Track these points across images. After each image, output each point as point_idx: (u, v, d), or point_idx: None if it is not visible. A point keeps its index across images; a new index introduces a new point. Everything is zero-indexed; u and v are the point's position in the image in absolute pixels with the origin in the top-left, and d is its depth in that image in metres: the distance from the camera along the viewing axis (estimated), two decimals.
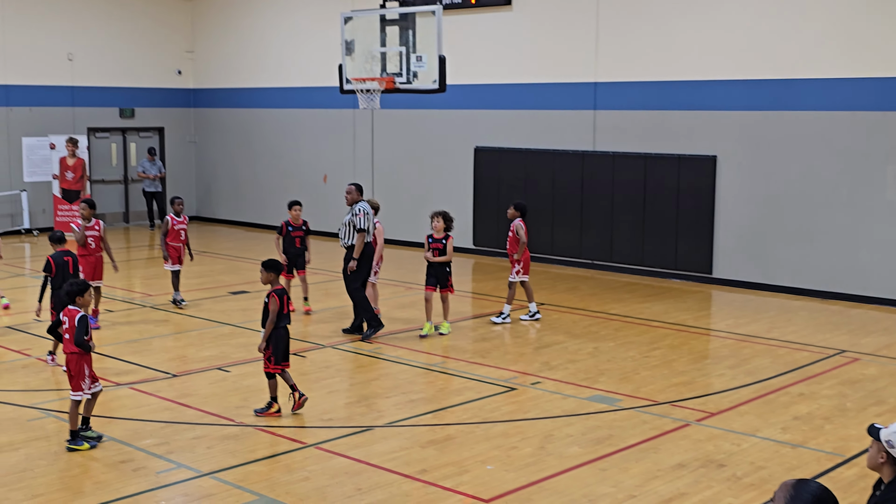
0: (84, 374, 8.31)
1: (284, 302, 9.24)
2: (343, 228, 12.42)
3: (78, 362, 8.29)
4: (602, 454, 8.22)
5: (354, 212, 12.31)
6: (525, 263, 13.42)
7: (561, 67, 18.02)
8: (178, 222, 14.04)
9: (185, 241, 14.10)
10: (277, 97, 23.09)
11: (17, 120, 22.18)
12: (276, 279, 9.37)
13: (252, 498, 7.26)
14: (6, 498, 7.26)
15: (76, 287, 8.43)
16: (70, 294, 8.40)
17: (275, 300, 9.15)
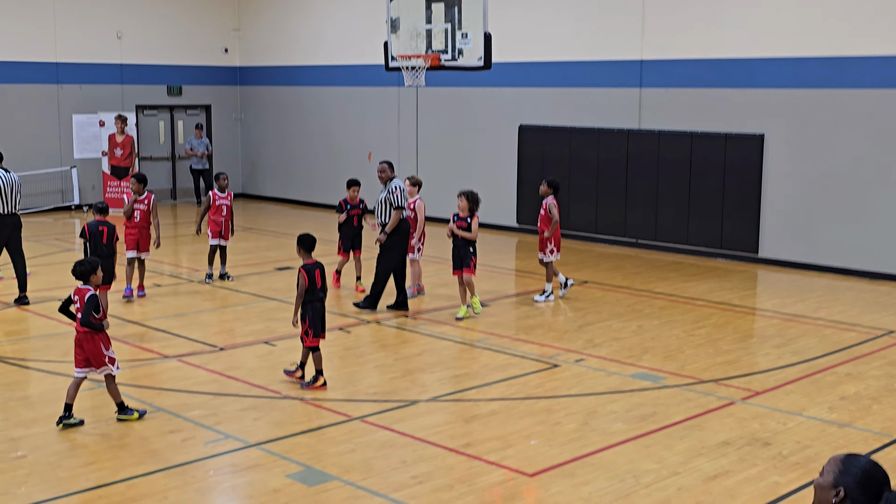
0: (102, 351, 8.20)
1: (316, 276, 9.30)
2: (378, 206, 12.50)
3: (91, 341, 8.17)
4: (646, 431, 8.23)
5: (390, 189, 12.40)
6: (556, 242, 13.31)
7: (607, 45, 17.90)
8: (221, 198, 14.18)
9: (227, 216, 14.23)
10: (322, 75, 23.18)
11: (68, 97, 22.50)
12: (307, 254, 9.44)
13: (298, 469, 7.37)
14: (60, 465, 7.44)
15: (88, 265, 8.31)
16: (83, 273, 8.27)
17: (302, 276, 9.23)
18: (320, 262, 9.52)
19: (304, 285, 9.25)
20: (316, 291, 9.35)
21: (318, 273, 9.37)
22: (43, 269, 15.42)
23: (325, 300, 9.48)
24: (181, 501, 6.82)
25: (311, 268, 9.34)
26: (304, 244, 9.49)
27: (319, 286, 9.37)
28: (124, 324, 11.88)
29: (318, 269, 9.38)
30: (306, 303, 9.32)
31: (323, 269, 9.48)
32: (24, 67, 21.87)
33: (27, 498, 6.83)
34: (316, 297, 9.35)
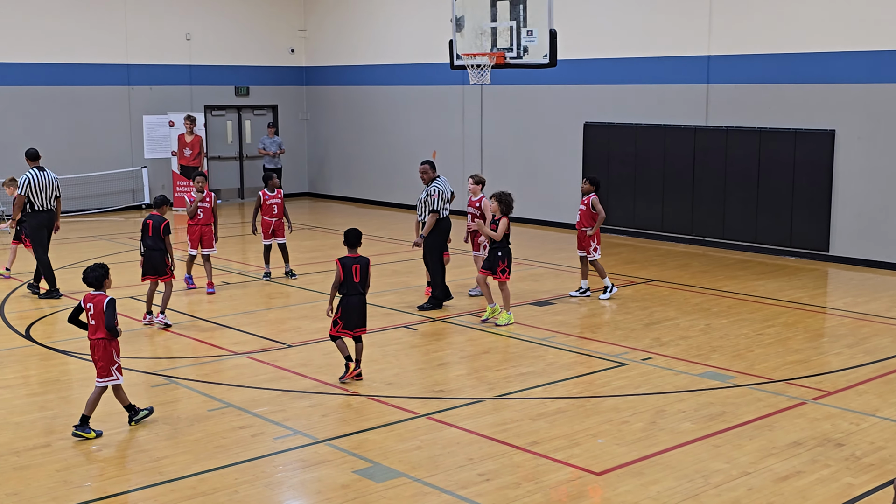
0: (113, 359, 8.09)
1: (353, 270, 9.35)
2: (420, 206, 12.57)
3: (106, 348, 8.05)
4: (715, 430, 8.14)
5: (429, 191, 12.49)
6: (599, 238, 13.31)
7: (673, 41, 17.72)
8: (271, 197, 14.32)
9: (279, 214, 14.35)
10: (387, 74, 23.30)
11: (139, 99, 22.93)
12: (350, 248, 9.52)
13: (366, 465, 7.42)
14: (133, 459, 7.59)
15: (100, 271, 8.17)
16: (96, 279, 8.14)
17: (337, 269, 9.35)
18: (363, 257, 9.52)
19: (339, 278, 9.35)
20: (354, 285, 9.37)
21: (357, 268, 9.38)
22: (114, 267, 15.66)
23: (364, 295, 9.50)
24: (251, 496, 6.92)
25: (348, 261, 9.40)
26: (345, 238, 9.60)
27: (358, 280, 9.38)
28: (194, 320, 12.08)
29: (356, 263, 9.40)
30: (343, 295, 9.41)
31: (364, 265, 9.46)
32: (97, 69, 22.33)
33: (101, 491, 6.99)
34: (353, 290, 9.38)
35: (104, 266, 8.27)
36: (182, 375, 9.76)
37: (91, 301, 8.08)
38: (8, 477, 7.23)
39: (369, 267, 9.55)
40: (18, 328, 11.71)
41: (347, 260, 9.42)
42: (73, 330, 11.55)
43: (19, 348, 10.88)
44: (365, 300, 9.54)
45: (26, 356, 10.56)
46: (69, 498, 6.86)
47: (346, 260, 9.41)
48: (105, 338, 8.04)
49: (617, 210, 18.72)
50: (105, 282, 8.21)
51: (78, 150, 22.19)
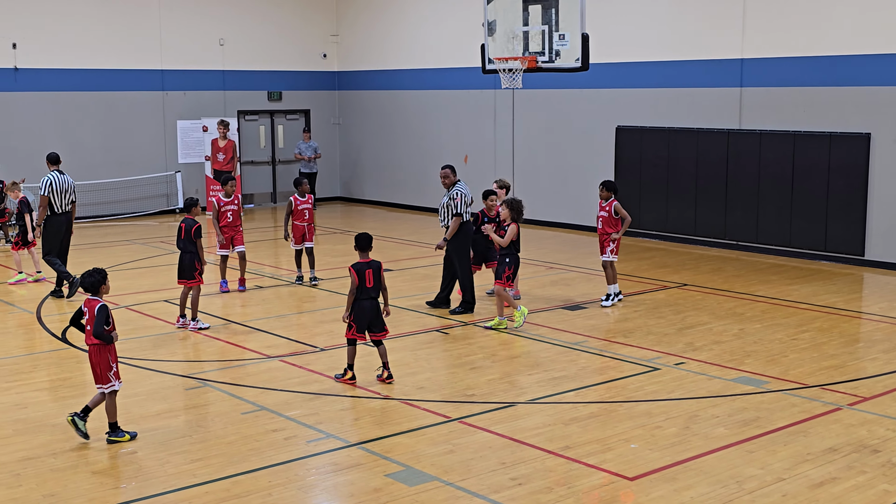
0: (109, 364, 8.02)
1: (367, 275, 9.42)
2: (443, 210, 12.58)
3: (100, 353, 8.00)
4: (749, 436, 8.08)
5: (452, 195, 12.51)
6: (617, 243, 13.22)
7: (706, 44, 17.63)
8: (302, 202, 14.40)
9: (309, 219, 14.43)
10: (419, 79, 23.35)
11: (173, 104, 23.13)
12: (362, 253, 9.60)
13: (398, 469, 7.44)
14: (167, 461, 7.65)
15: (97, 276, 8.10)
16: (92, 285, 8.07)
17: (352, 275, 9.43)
18: (375, 262, 9.60)
19: (355, 283, 9.42)
20: (366, 290, 9.46)
21: (370, 272, 9.46)
22: (148, 271, 15.88)
23: (377, 298, 9.58)
24: (284, 499, 6.96)
25: (361, 266, 9.47)
26: (357, 243, 9.67)
27: (371, 285, 9.46)
28: (227, 324, 12.16)
29: (369, 268, 9.47)
30: (355, 300, 9.49)
31: (376, 269, 9.53)
32: (132, 75, 22.56)
33: (137, 493, 7.05)
34: (366, 295, 9.48)
35: (102, 271, 8.19)
36: (215, 378, 9.83)
37: (88, 306, 8.05)
38: (45, 479, 7.31)
39: (382, 270, 9.63)
40: (55, 331, 11.85)
41: (360, 265, 9.50)
42: None
43: (55, 351, 11.01)
44: (378, 304, 9.60)
45: (62, 359, 10.68)
46: (105, 500, 6.93)
47: (359, 265, 9.50)
48: (99, 343, 7.98)
49: (649, 214, 18.66)
50: (102, 287, 8.11)
51: (113, 154, 22.43)
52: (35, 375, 10.04)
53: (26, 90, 21.30)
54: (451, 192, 12.57)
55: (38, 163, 20.81)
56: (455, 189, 12.58)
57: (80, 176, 21.75)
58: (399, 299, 13.46)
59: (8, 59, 21.03)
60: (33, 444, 8.02)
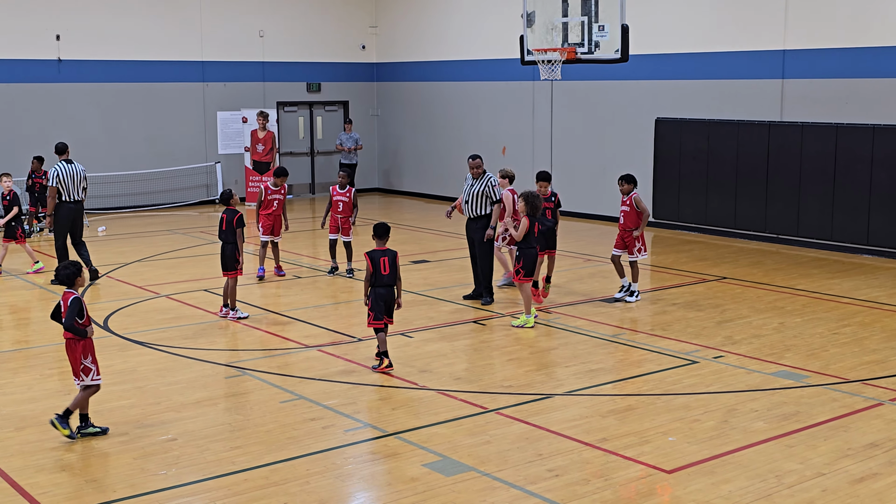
0: (81, 359, 7.92)
1: (381, 263, 9.66)
2: (473, 200, 12.56)
3: (73, 348, 7.91)
4: (788, 430, 8.01)
5: (491, 183, 12.58)
6: (643, 239, 12.91)
7: (748, 35, 17.46)
8: (339, 194, 14.40)
9: (344, 211, 14.31)
10: (457, 70, 23.34)
11: (213, 95, 23.31)
12: (378, 241, 9.82)
13: (435, 458, 7.46)
14: (207, 448, 7.73)
15: (70, 269, 8.03)
16: (67, 277, 8.02)
17: (367, 262, 9.70)
18: (391, 250, 9.78)
19: (369, 270, 9.69)
20: (382, 277, 9.68)
21: (385, 260, 9.69)
22: (188, 260, 16.04)
23: (392, 286, 9.77)
24: (322, 487, 7.00)
25: (375, 254, 9.71)
26: (374, 232, 9.93)
27: (386, 273, 9.68)
28: (266, 314, 12.25)
29: (384, 256, 9.71)
30: (372, 287, 9.73)
31: (392, 257, 9.74)
32: (173, 67, 22.76)
33: (177, 479, 7.13)
34: (380, 282, 9.70)
35: (76, 264, 8.12)
36: (254, 367, 9.91)
37: (63, 299, 7.99)
38: (87, 464, 7.42)
39: (397, 259, 9.83)
40: (97, 319, 12.00)
41: (375, 253, 9.73)
42: (149, 321, 11.83)
43: (98, 339, 11.08)
44: (393, 291, 9.81)
45: (104, 346, 10.79)
46: (146, 485, 7.02)
47: (375, 253, 9.73)
48: (72, 337, 7.90)
49: (688, 207, 18.54)
50: (77, 280, 8.03)
51: (154, 145, 22.65)
52: None
53: (70, 81, 21.54)
54: (491, 180, 12.61)
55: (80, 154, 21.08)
56: (489, 177, 12.63)
57: (122, 166, 22.05)
58: (436, 290, 13.50)
59: (52, 51, 21.29)
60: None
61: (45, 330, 11.68)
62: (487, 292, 12.71)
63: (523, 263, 11.55)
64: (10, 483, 7.06)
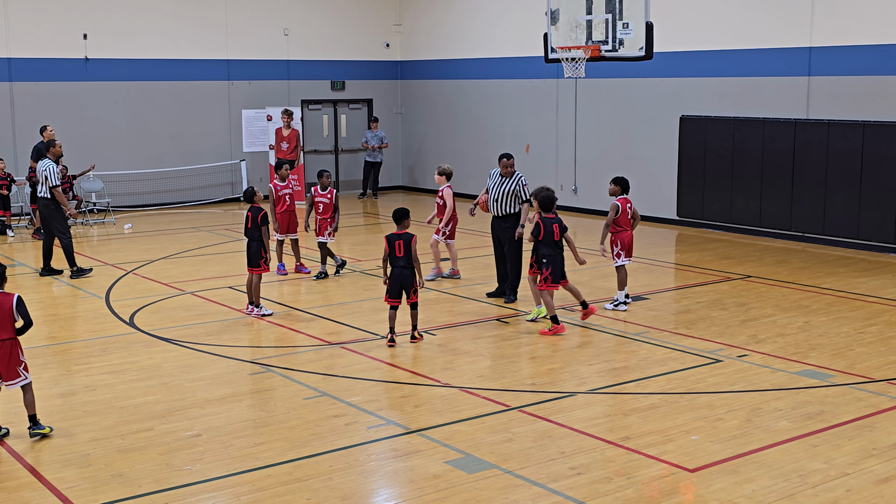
0: (20, 359, 7.88)
1: (396, 246, 10.37)
2: (503, 198, 12.54)
3: (13, 349, 7.83)
4: (813, 430, 7.97)
5: (521, 182, 12.54)
6: (624, 245, 12.24)
7: (773, 32, 17.36)
8: (321, 195, 14.19)
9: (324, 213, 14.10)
10: (481, 68, 23.34)
11: (238, 93, 23.42)
12: (397, 224, 10.57)
13: (458, 456, 7.48)
14: (231, 444, 7.78)
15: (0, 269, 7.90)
16: None
17: (384, 245, 10.46)
18: (408, 234, 10.45)
19: (385, 252, 10.46)
20: (397, 259, 10.39)
21: (400, 243, 10.36)
22: (213, 258, 16.13)
23: (405, 268, 10.37)
24: (345, 483, 7.04)
25: (392, 237, 10.42)
26: (393, 216, 10.67)
27: (401, 255, 10.36)
28: (289, 310, 12.31)
29: (399, 239, 10.39)
30: (391, 268, 10.53)
31: (407, 240, 10.35)
32: (199, 65, 22.88)
33: (201, 475, 7.19)
34: (396, 263, 10.43)
35: (1, 265, 7.95)
36: (278, 364, 9.97)
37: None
38: (113, 459, 7.49)
39: (413, 242, 10.44)
40: (123, 316, 12.10)
41: (392, 236, 10.44)
42: (174, 318, 11.91)
43: (124, 335, 11.24)
44: (407, 272, 10.42)
45: (130, 343, 10.91)
46: (171, 480, 7.08)
47: (391, 236, 10.45)
48: (10, 338, 7.79)
49: (713, 205, 18.46)
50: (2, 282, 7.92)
51: (179, 143, 22.79)
52: (104, 358, 10.26)
53: (96, 80, 21.71)
54: (518, 178, 12.58)
55: (107, 152, 21.26)
56: (519, 176, 12.62)
57: (148, 164, 22.20)
58: (459, 288, 13.51)
59: (79, 50, 21.46)
60: (102, 426, 8.22)
61: (72, 326, 11.81)
62: (511, 290, 12.72)
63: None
64: (38, 477, 7.14)
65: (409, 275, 10.47)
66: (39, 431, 8.00)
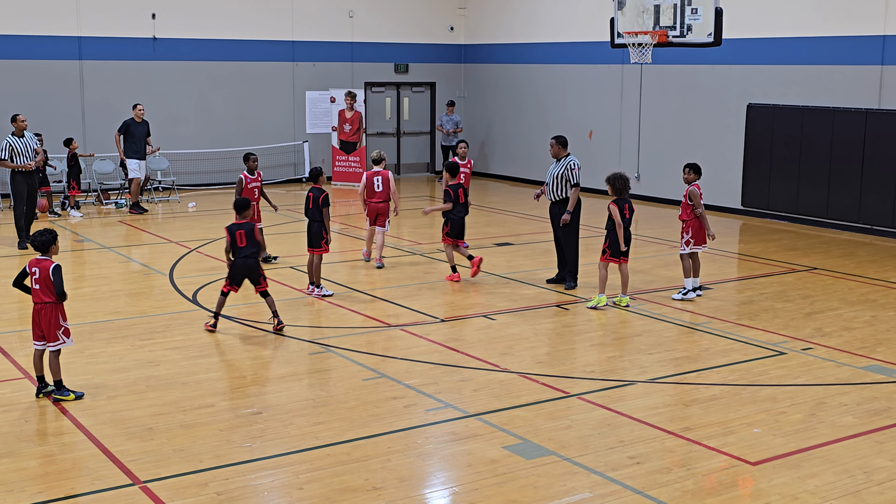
0: (59, 322, 8.20)
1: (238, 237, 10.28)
2: (553, 182, 12.42)
3: (53, 312, 8.17)
4: (879, 426, 7.81)
5: (570, 165, 12.32)
6: (696, 233, 11.96)
7: (846, 18, 16.97)
8: (252, 180, 13.80)
9: (258, 197, 13.84)
10: (545, 52, 23.17)
11: (302, 74, 23.55)
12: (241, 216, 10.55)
13: (516, 441, 7.46)
14: (291, 423, 7.85)
15: (47, 236, 8.22)
16: (43, 244, 8.20)
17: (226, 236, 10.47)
18: (248, 224, 10.35)
19: (227, 242, 10.41)
20: (239, 249, 10.33)
21: (241, 233, 10.29)
22: (275, 238, 16.25)
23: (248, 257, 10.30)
24: (403, 465, 7.06)
25: (232, 228, 10.34)
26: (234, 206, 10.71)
27: (243, 244, 10.30)
28: (351, 293, 12.37)
29: (240, 229, 10.29)
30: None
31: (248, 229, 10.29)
32: (264, 46, 23.03)
33: (260, 452, 7.26)
34: (239, 254, 10.35)
35: (52, 231, 8.31)
36: (338, 345, 10.02)
37: (37, 266, 8.17)
38: (175, 434, 7.60)
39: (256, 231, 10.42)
40: (186, 293, 12.26)
41: (233, 226, 10.36)
42: (236, 297, 12.02)
43: (187, 312, 11.39)
44: (251, 262, 10.36)
45: (193, 320, 11.05)
46: (231, 457, 7.16)
47: (232, 227, 10.36)
48: (52, 301, 8.14)
49: (779, 195, 18.16)
50: (52, 247, 8.25)
51: (243, 123, 22.99)
52: (168, 335, 10.41)
53: (164, 59, 21.97)
54: (568, 162, 12.39)
55: (172, 131, 21.52)
56: (570, 159, 12.42)
57: (212, 144, 22.43)
58: (519, 273, 13.47)
59: (147, 30, 21.73)
60: (165, 401, 8.34)
61: (137, 302, 11.99)
62: (571, 277, 12.63)
63: (609, 244, 11.54)
64: (103, 450, 7.27)
65: (254, 265, 10.32)
66: (61, 397, 8.24)
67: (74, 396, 8.31)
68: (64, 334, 8.29)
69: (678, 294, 12.11)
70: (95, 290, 12.49)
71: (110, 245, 15.38)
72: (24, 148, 15.26)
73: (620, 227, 11.47)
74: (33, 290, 8.22)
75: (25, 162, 15.24)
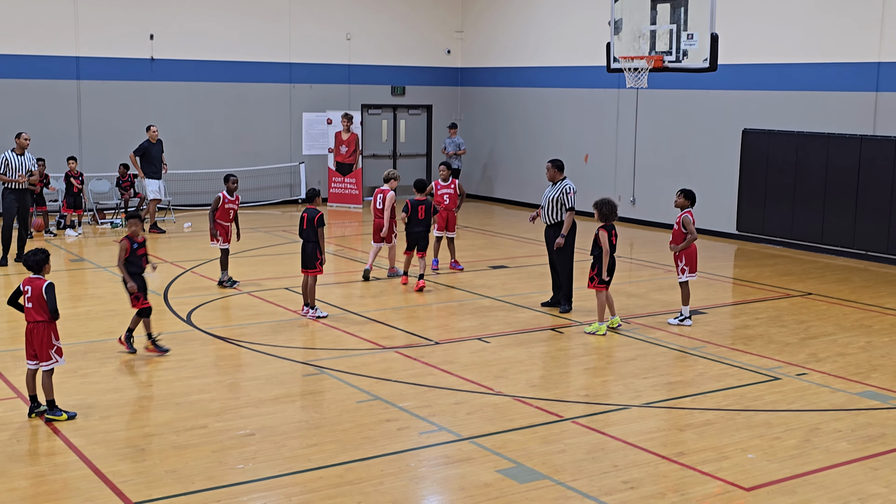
0: (52, 342, 8.23)
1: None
2: (549, 205, 12.43)
3: (45, 331, 8.20)
4: (873, 452, 7.80)
5: (565, 190, 12.33)
6: (689, 259, 11.93)
7: (841, 45, 17.05)
8: (230, 201, 13.80)
9: (233, 219, 13.88)
10: (542, 76, 23.26)
11: (299, 96, 23.61)
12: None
13: (509, 465, 7.43)
14: (283, 445, 7.82)
15: (41, 256, 8.30)
16: (36, 263, 8.26)
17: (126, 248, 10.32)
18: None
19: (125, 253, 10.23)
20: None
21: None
22: (270, 258, 16.26)
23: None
24: (395, 488, 7.03)
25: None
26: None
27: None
28: (345, 314, 12.35)
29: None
30: None
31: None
32: (261, 67, 23.10)
33: (253, 474, 7.22)
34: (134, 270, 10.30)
35: (45, 251, 8.37)
36: (332, 366, 10.00)
37: (29, 284, 8.21)
38: (167, 455, 7.56)
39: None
40: (180, 313, 12.23)
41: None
42: (230, 317, 12.02)
43: (181, 332, 11.37)
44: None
45: (187, 340, 11.02)
46: (223, 478, 7.12)
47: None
48: (44, 320, 8.17)
49: (774, 220, 18.20)
50: (45, 266, 8.29)
51: (240, 144, 23.03)
52: (161, 355, 10.37)
53: (161, 80, 22.02)
54: (564, 185, 12.41)
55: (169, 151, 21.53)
56: (566, 183, 12.45)
57: (209, 164, 22.44)
58: (514, 296, 13.46)
59: (145, 50, 21.79)
60: (157, 421, 8.31)
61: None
62: (566, 300, 12.62)
63: (598, 270, 11.44)
64: (94, 470, 7.23)
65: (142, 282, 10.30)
66: (54, 417, 8.22)
67: (67, 416, 8.28)
68: (56, 353, 8.29)
69: (674, 319, 12.09)
70: (90, 310, 12.46)
71: (105, 264, 15.35)
72: (19, 165, 15.26)
73: (607, 253, 11.43)
74: (26, 308, 8.24)
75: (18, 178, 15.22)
